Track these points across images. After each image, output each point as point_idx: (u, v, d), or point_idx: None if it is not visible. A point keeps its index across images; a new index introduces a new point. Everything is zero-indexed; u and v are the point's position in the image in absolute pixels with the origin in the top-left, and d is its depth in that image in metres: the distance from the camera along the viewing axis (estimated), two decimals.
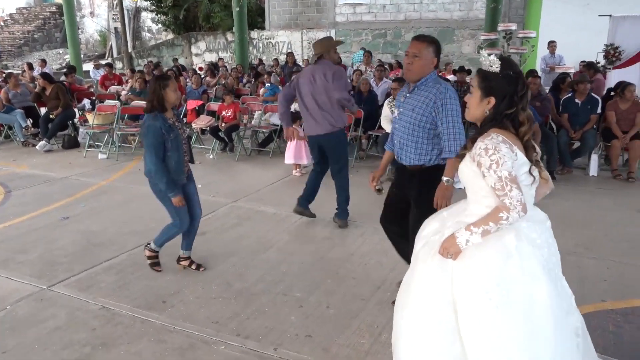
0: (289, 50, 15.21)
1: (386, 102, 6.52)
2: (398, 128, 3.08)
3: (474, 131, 3.49)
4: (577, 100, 6.78)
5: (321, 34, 16.39)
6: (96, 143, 8.21)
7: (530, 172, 1.99)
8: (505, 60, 2.01)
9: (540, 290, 1.93)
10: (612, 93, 7.24)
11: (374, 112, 7.81)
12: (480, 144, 1.94)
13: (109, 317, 3.17)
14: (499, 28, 10.08)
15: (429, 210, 2.87)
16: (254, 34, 17.34)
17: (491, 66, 1.99)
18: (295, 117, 6.99)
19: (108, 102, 9.01)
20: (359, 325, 3.09)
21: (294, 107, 8.18)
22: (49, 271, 3.83)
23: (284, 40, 16.94)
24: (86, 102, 10.44)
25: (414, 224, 3.07)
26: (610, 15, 9.48)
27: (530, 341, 1.89)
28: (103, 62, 17.61)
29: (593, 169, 6.72)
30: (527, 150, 1.99)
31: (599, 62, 9.85)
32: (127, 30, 19.57)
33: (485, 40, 10.15)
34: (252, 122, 8.42)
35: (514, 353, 1.90)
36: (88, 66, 16.84)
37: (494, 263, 1.94)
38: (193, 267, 3.83)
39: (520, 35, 9.70)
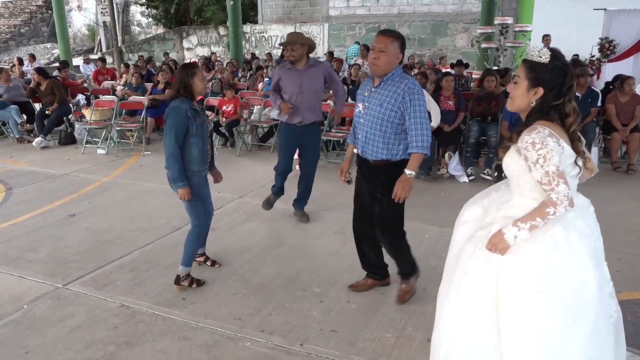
0: None
1: None
2: (364, 123, 3.06)
3: (476, 127, 3.15)
4: (577, 94, 6.82)
5: (315, 28, 16.37)
6: (94, 139, 8.11)
7: (575, 162, 1.99)
8: (554, 51, 2.00)
9: (589, 281, 1.96)
10: (611, 86, 7.33)
11: None
12: (527, 138, 1.93)
13: (130, 315, 3.15)
14: (495, 22, 10.11)
15: (399, 204, 3.03)
16: (246, 27, 17.21)
17: (540, 57, 1.98)
18: None
19: (104, 97, 8.89)
20: (382, 320, 3.10)
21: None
22: (61, 269, 3.78)
23: (276, 34, 16.84)
24: (80, 97, 10.31)
25: (381, 215, 3.19)
26: (605, 9, 9.57)
27: (570, 330, 1.93)
28: (92, 56, 17.39)
29: (593, 161, 6.78)
30: (573, 142, 2.00)
31: (594, 56, 9.95)
32: (116, 24, 19.31)
33: (482, 34, 10.19)
34: (252, 117, 8.38)
35: (555, 343, 1.93)
36: (77, 61, 16.63)
37: (542, 256, 1.96)
38: (208, 263, 3.82)
39: (517, 29, 9.76)
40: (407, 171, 2.94)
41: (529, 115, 2.03)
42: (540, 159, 1.89)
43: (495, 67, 9.27)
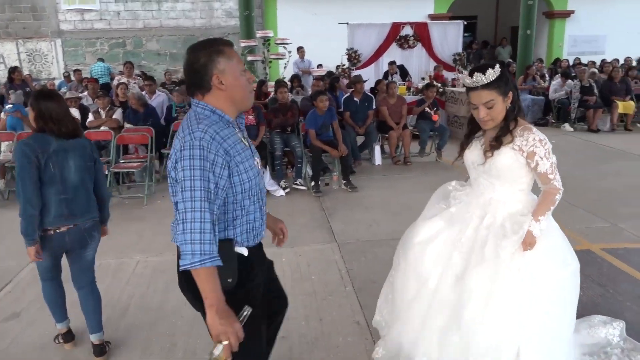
0: (11, 66, 12.49)
1: None
2: (261, 183, 1.94)
3: (279, 139, 2.96)
4: (355, 99, 7.47)
5: (44, 45, 14.09)
6: None
7: None
8: (492, 62, 2.18)
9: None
10: (375, 90, 8.25)
11: (164, 128, 7.07)
12: (533, 136, 2.15)
13: None
14: (258, 35, 10.32)
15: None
16: None
17: (495, 73, 2.13)
18: None
19: None
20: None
21: None
22: None
23: None
24: None
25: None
26: (347, 23, 10.73)
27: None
28: None
29: (377, 159, 7.55)
30: None
31: (344, 65, 11.08)
32: None
33: (245, 47, 10.25)
34: (1, 157, 6.64)
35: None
36: None
37: (560, 239, 2.29)
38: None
39: (278, 41, 10.14)
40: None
41: (506, 117, 2.20)
42: (547, 153, 2.15)
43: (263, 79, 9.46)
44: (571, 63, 13.47)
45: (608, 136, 9.15)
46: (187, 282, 1.76)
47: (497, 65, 2.13)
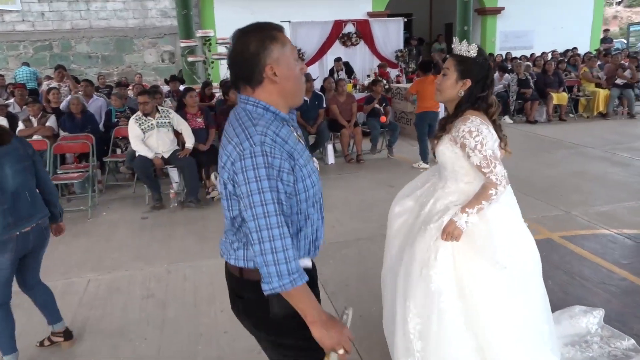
0: None
1: (133, 119, 5.56)
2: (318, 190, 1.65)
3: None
4: (305, 98, 7.33)
5: None
6: None
7: (499, 146, 2.18)
8: (479, 48, 2.13)
9: (532, 246, 2.18)
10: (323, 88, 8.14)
11: (103, 135, 6.63)
12: (463, 127, 2.05)
13: None
14: (198, 34, 9.97)
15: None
16: None
17: (469, 51, 2.10)
18: None
19: None
20: None
21: None
22: None
23: None
24: None
25: None
26: (289, 21, 10.56)
27: (528, 301, 2.13)
28: None
29: (331, 158, 7.46)
30: (496, 128, 2.17)
31: None
32: None
33: (185, 47, 9.87)
34: None
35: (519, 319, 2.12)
36: None
37: (498, 242, 2.09)
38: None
39: (220, 41, 9.83)
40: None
41: (458, 105, 2.15)
42: (478, 145, 2.03)
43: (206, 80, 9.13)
44: (503, 57, 14.02)
45: (545, 127, 9.56)
46: (246, 309, 1.58)
47: (476, 50, 2.11)
